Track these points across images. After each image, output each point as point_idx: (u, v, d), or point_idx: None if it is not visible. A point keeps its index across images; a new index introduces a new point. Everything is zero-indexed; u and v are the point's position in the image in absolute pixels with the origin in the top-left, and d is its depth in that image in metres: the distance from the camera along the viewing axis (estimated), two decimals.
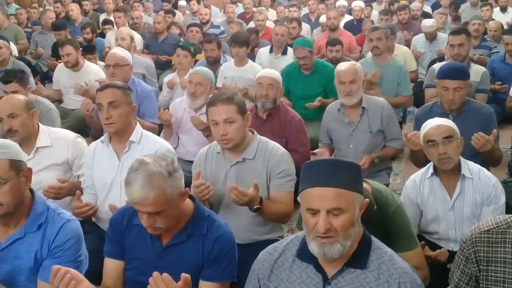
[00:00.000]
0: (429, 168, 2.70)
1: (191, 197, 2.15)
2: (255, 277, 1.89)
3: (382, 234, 2.30)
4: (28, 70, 5.25)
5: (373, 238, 1.80)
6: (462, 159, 2.65)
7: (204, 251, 2.06)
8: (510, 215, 1.94)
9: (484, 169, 2.67)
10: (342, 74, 3.62)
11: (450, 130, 2.62)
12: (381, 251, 1.75)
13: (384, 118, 3.64)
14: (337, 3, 8.74)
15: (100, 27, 8.09)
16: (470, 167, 2.64)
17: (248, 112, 2.66)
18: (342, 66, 3.70)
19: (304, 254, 1.78)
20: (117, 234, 2.15)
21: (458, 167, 2.62)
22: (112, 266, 2.18)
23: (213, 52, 5.46)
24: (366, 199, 1.75)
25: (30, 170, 2.13)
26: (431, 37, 6.45)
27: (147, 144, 2.80)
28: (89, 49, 5.88)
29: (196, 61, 5.80)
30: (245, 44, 5.23)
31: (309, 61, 4.94)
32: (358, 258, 1.73)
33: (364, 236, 1.77)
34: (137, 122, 2.90)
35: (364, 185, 2.06)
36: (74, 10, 8.43)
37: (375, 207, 2.20)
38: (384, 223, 2.31)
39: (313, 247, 1.68)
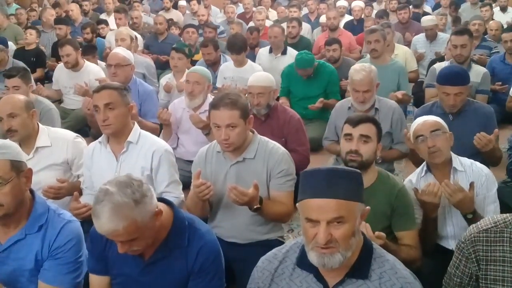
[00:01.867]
0: (423, 167, 2.71)
1: (169, 204, 2.06)
2: (255, 285, 1.86)
3: (389, 211, 2.45)
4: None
5: (375, 246, 1.77)
6: (454, 155, 2.66)
7: (188, 263, 2.00)
8: (507, 214, 1.94)
9: (477, 162, 2.67)
10: (357, 83, 3.59)
11: (437, 124, 2.65)
12: (382, 259, 1.73)
13: (394, 120, 3.65)
14: (338, 4, 8.75)
15: None
16: (461, 161, 2.65)
17: (251, 116, 2.64)
18: (357, 74, 3.58)
19: (304, 262, 1.75)
20: (99, 250, 2.08)
21: (449, 162, 2.64)
22: (97, 282, 2.13)
23: (210, 55, 5.46)
24: (367, 207, 1.73)
25: (30, 170, 2.12)
26: (432, 37, 6.43)
27: (145, 144, 2.79)
28: (89, 49, 5.89)
29: (194, 61, 5.79)
30: (242, 50, 5.23)
31: (311, 72, 4.98)
32: (359, 268, 1.70)
33: (365, 244, 1.74)
34: (135, 122, 2.89)
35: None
36: (74, 10, 8.43)
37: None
38: (392, 199, 2.44)
39: (313, 257, 1.65)
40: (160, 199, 2.03)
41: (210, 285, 2.03)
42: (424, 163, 2.71)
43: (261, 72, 4.29)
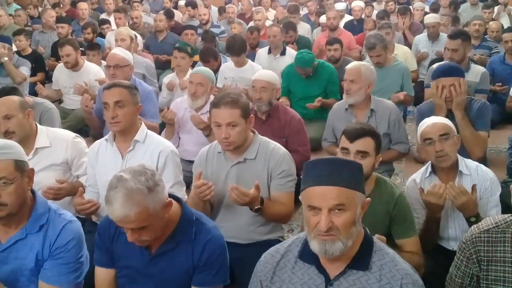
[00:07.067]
0: (427, 167, 2.71)
1: (177, 200, 2.10)
2: (257, 279, 1.89)
3: (387, 220, 2.41)
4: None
5: (375, 240, 1.80)
6: (460, 157, 2.66)
7: (194, 256, 2.03)
8: (509, 215, 1.95)
9: (482, 166, 2.68)
10: (346, 72, 3.70)
11: (446, 128, 2.64)
12: (383, 252, 1.75)
13: (391, 121, 3.63)
14: (336, 7, 8.71)
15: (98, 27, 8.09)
16: (467, 164, 2.64)
17: (252, 115, 2.65)
18: (349, 65, 3.79)
19: (306, 255, 1.78)
20: (106, 242, 2.12)
21: (455, 164, 2.63)
22: (102, 275, 2.16)
23: (212, 66, 5.39)
24: (368, 198, 1.76)
25: (32, 170, 2.13)
26: (434, 36, 6.41)
27: (152, 144, 2.80)
28: (92, 47, 5.92)
29: (194, 62, 5.78)
30: (241, 52, 5.23)
31: (311, 72, 4.96)
32: (360, 259, 1.73)
33: (365, 237, 1.77)
34: (142, 122, 2.90)
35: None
36: (86, 9, 8.43)
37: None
38: (390, 208, 2.40)
39: (314, 246, 1.68)
40: (170, 195, 2.05)
41: (214, 279, 2.06)
42: (429, 163, 2.70)
43: (267, 70, 4.29)
